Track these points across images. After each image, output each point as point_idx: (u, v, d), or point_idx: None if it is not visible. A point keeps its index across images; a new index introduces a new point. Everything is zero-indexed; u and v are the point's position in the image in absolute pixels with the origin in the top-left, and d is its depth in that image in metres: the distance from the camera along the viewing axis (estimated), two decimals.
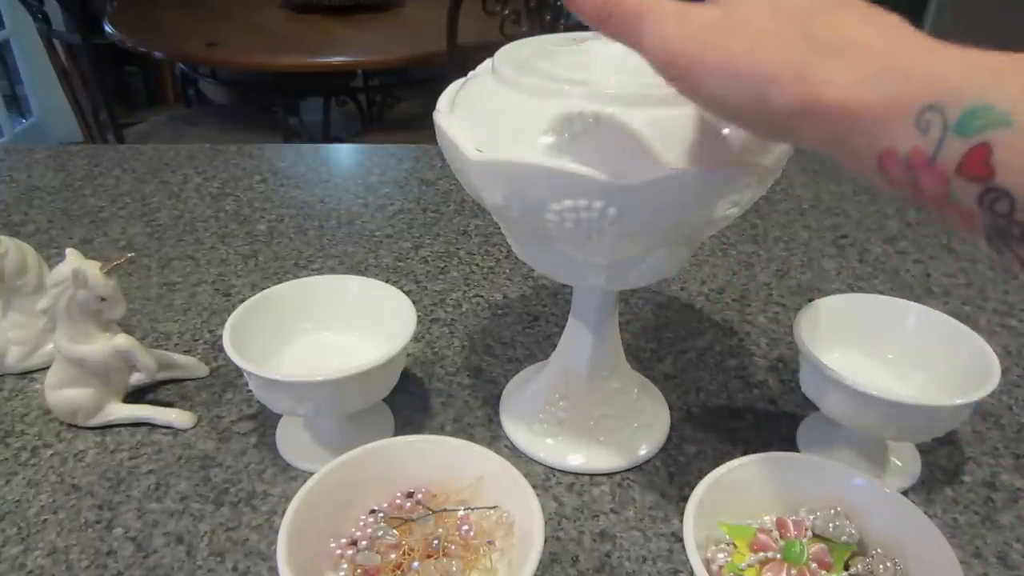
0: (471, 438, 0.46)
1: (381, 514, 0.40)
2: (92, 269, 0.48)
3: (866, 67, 0.23)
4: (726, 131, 0.35)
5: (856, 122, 0.23)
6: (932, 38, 0.23)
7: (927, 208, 0.23)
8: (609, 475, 0.49)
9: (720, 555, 0.37)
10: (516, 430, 0.52)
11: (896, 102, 0.22)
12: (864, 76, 0.23)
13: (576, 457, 0.49)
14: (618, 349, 0.51)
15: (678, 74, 0.27)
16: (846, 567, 0.38)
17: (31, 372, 0.57)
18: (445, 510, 0.40)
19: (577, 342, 0.49)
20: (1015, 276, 0.72)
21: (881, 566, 0.37)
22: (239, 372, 0.56)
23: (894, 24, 0.24)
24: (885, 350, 0.51)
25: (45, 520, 0.45)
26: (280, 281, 0.54)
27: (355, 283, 0.54)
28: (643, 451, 0.50)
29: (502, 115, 0.37)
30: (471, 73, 0.42)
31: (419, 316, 0.51)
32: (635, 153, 0.34)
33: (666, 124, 0.34)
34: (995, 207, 0.20)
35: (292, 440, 0.51)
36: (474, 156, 0.36)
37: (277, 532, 0.35)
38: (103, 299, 0.49)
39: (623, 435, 0.50)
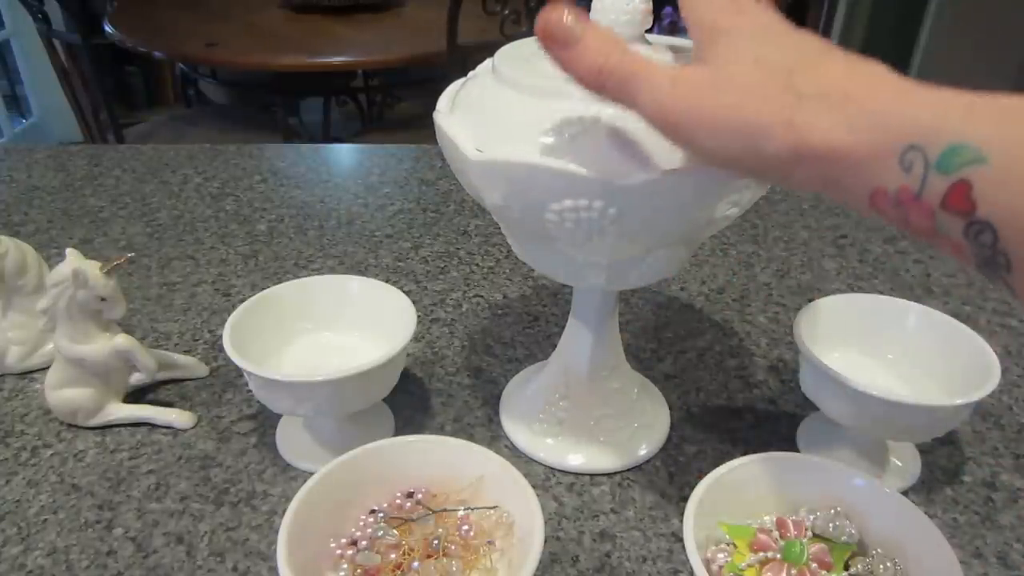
0: (471, 438, 0.46)
1: (381, 514, 0.40)
2: (92, 269, 0.48)
3: (848, 112, 0.24)
4: None
5: (845, 164, 0.24)
6: (908, 79, 0.25)
7: (922, 240, 0.24)
8: (609, 475, 0.49)
9: (720, 555, 0.37)
10: (516, 430, 0.52)
11: (880, 143, 0.23)
12: (847, 120, 0.24)
13: (576, 457, 0.49)
14: (618, 349, 0.51)
15: (673, 130, 0.28)
16: (846, 567, 0.38)
17: (31, 372, 0.57)
18: (445, 510, 0.40)
19: (577, 342, 0.49)
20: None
21: (881, 566, 0.37)
22: (239, 372, 0.56)
23: (872, 70, 0.25)
24: (885, 350, 0.51)
25: (45, 520, 0.45)
26: (280, 281, 0.54)
27: (355, 283, 0.54)
28: (643, 451, 0.50)
29: (502, 115, 0.37)
30: (471, 73, 0.42)
31: (419, 316, 0.51)
32: (635, 153, 0.34)
33: None
34: (980, 238, 0.22)
35: (292, 440, 0.51)
36: (474, 156, 0.36)
37: (277, 532, 0.35)
38: (103, 299, 0.49)
39: (623, 435, 0.50)
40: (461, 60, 1.48)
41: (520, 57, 0.39)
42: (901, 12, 3.15)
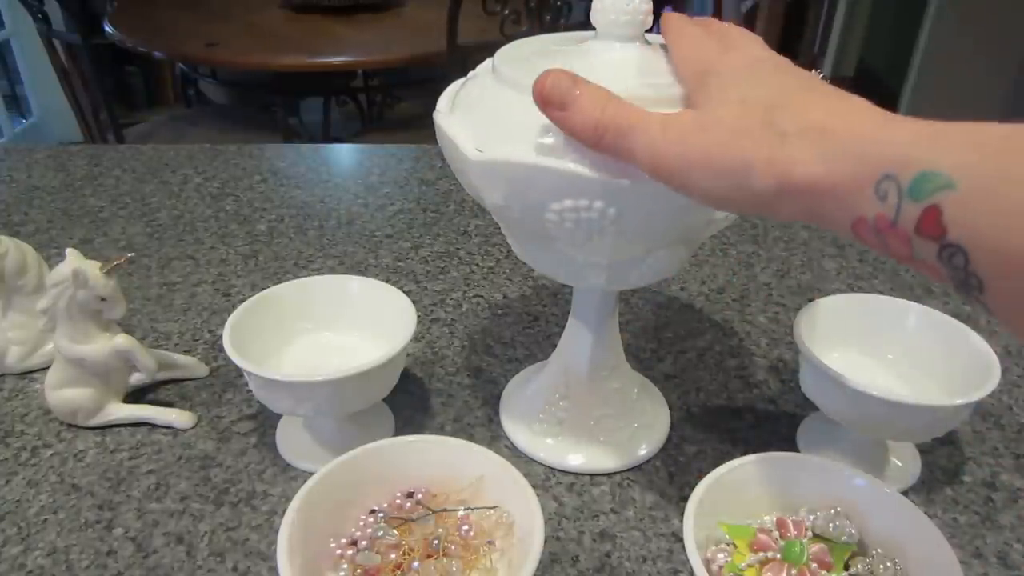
0: (471, 438, 0.46)
1: (381, 514, 0.40)
2: (92, 269, 0.48)
3: (826, 146, 0.25)
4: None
5: (827, 196, 0.25)
6: (886, 112, 0.25)
7: (905, 265, 0.25)
8: (609, 475, 0.49)
9: (720, 555, 0.37)
10: (516, 430, 0.52)
11: (857, 175, 0.24)
12: (825, 154, 0.25)
13: (576, 457, 0.49)
14: (618, 349, 0.51)
15: (668, 174, 0.30)
16: (846, 567, 0.38)
17: (31, 372, 0.57)
18: (445, 510, 0.40)
19: (577, 342, 0.49)
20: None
21: (881, 566, 0.37)
22: (239, 372, 0.56)
23: (851, 105, 0.27)
24: (885, 350, 0.51)
25: (45, 520, 0.45)
26: (280, 281, 0.54)
27: (355, 283, 0.54)
28: (643, 451, 0.50)
29: (502, 115, 0.37)
30: (471, 73, 0.42)
31: (419, 316, 0.51)
32: None
33: None
34: (953, 261, 0.22)
35: (292, 440, 0.51)
36: (474, 156, 0.36)
37: (277, 532, 0.35)
38: (103, 299, 0.49)
39: (623, 435, 0.50)
40: (461, 60, 1.48)
41: (520, 57, 0.39)
42: (901, 12, 3.16)
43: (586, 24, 0.39)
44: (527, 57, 0.39)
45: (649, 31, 0.38)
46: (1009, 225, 0.21)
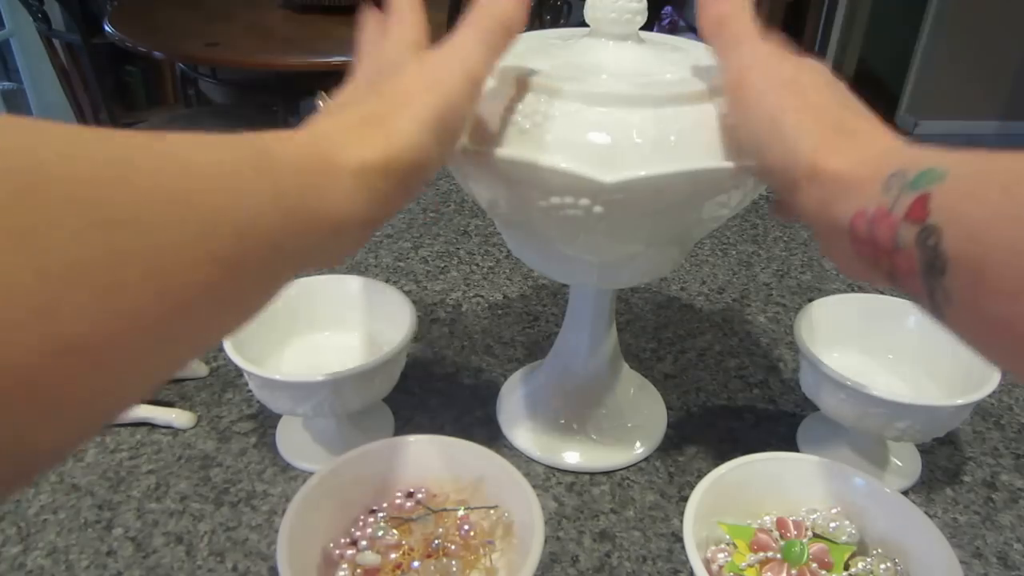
0: (471, 438, 0.46)
1: (381, 514, 0.40)
2: None
3: (864, 150, 0.29)
4: (715, 134, 0.34)
5: (844, 187, 0.28)
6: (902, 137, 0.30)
7: (878, 268, 0.28)
8: (609, 475, 0.49)
9: (720, 555, 0.37)
10: (513, 429, 0.52)
11: (874, 172, 0.27)
12: (861, 155, 0.29)
13: (573, 456, 0.49)
14: (615, 348, 0.51)
15: (740, 97, 0.32)
16: (846, 567, 0.38)
17: None
18: (445, 510, 0.40)
19: (573, 341, 0.49)
20: None
21: (881, 566, 0.37)
22: (239, 372, 0.56)
23: (882, 126, 0.31)
24: (885, 350, 0.51)
25: (45, 520, 0.45)
26: None
27: (355, 283, 0.54)
28: (639, 449, 0.50)
29: (493, 109, 0.36)
30: None
31: (419, 316, 0.51)
32: (622, 150, 0.33)
33: (658, 124, 0.34)
34: (927, 242, 0.25)
35: (292, 440, 0.51)
36: (462, 151, 0.35)
37: (277, 532, 0.35)
38: None
39: (619, 433, 0.50)
40: None
41: (515, 53, 0.39)
42: (901, 12, 3.15)
43: (586, 24, 0.39)
44: (522, 53, 0.39)
45: (649, 30, 0.38)
46: (979, 203, 0.23)
